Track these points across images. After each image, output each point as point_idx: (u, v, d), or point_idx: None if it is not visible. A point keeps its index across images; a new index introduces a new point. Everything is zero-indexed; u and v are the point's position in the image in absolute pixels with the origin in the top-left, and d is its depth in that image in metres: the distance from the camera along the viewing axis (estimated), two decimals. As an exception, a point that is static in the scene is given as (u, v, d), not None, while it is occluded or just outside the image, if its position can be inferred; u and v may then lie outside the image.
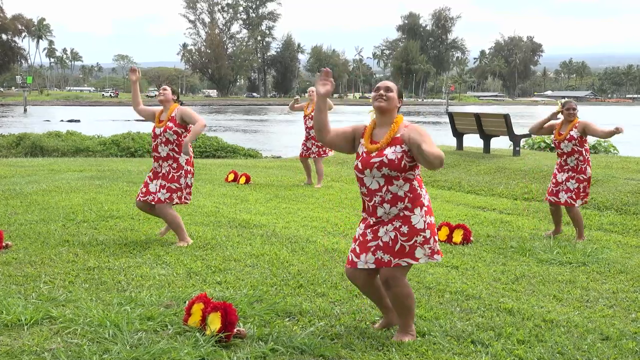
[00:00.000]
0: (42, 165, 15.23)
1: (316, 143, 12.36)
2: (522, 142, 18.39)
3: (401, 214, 4.21)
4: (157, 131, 7.02)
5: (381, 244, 4.23)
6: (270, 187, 12.02)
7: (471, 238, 7.67)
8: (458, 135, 17.65)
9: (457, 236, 7.61)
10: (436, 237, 4.29)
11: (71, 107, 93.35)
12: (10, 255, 6.25)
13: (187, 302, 4.57)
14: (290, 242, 7.26)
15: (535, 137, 19.72)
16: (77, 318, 4.44)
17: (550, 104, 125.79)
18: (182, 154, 6.96)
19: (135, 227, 7.82)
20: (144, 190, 7.05)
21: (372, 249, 4.25)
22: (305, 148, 12.57)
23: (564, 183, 8.09)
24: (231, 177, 12.80)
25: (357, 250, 4.32)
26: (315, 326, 4.50)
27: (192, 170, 7.13)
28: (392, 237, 4.20)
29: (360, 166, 4.29)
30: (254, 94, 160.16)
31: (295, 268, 6.11)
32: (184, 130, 6.99)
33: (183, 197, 7.04)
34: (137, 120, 53.92)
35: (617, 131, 7.95)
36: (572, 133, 7.96)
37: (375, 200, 4.26)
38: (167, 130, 6.95)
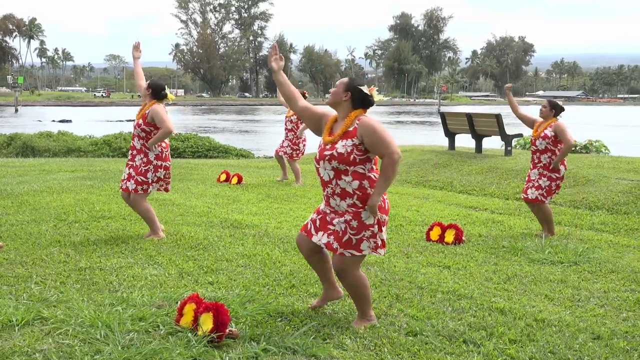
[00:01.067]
0: (33, 166, 15.19)
1: (291, 145, 12.53)
2: (514, 142, 18.42)
3: (351, 210, 4.36)
4: (134, 123, 7.22)
5: (332, 230, 4.45)
6: (262, 188, 12.01)
7: (463, 238, 7.68)
8: (450, 135, 17.67)
9: (449, 236, 7.61)
10: (383, 233, 4.42)
11: (62, 107, 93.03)
12: (1, 256, 6.23)
13: (179, 303, 4.56)
14: (282, 242, 7.26)
15: (526, 136, 19.77)
16: (69, 319, 4.42)
17: (541, 104, 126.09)
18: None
19: (127, 227, 7.80)
20: (123, 176, 7.31)
21: (329, 232, 4.46)
22: (280, 146, 12.82)
23: (535, 180, 8.22)
24: (223, 177, 12.79)
25: (318, 224, 4.56)
26: (308, 326, 4.50)
27: (163, 164, 7.21)
28: (342, 229, 4.39)
29: (317, 157, 4.48)
30: (246, 94, 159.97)
31: (287, 268, 6.11)
32: (152, 129, 7.09)
33: (151, 189, 7.19)
34: (129, 120, 53.83)
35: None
36: (546, 131, 8.07)
37: (327, 192, 4.47)
38: (137, 127, 7.12)
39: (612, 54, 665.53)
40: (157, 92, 7.19)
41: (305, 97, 12.24)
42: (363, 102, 4.45)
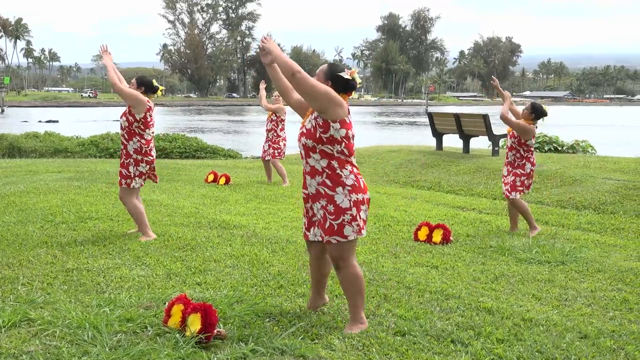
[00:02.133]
0: (19, 167, 15.11)
1: (272, 145, 12.56)
2: (501, 142, 18.48)
3: (323, 192, 4.35)
4: (120, 117, 7.31)
5: (316, 219, 4.49)
6: (250, 188, 12.00)
7: (451, 238, 7.70)
8: (438, 135, 17.72)
9: (437, 236, 7.63)
10: (361, 214, 4.38)
11: (49, 107, 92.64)
12: (-12, 257, 6.19)
13: (166, 304, 4.55)
14: (270, 242, 7.25)
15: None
16: (56, 320, 4.40)
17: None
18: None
19: (115, 228, 7.78)
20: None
21: (316, 224, 4.50)
22: (263, 150, 12.83)
23: (505, 177, 8.43)
24: (211, 177, 12.77)
25: (306, 224, 4.62)
26: (296, 326, 4.50)
27: (144, 159, 7.24)
28: (322, 215, 4.39)
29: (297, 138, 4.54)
30: (234, 95, 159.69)
31: (275, 269, 6.10)
32: (133, 120, 7.11)
33: (134, 184, 7.23)
34: (116, 120, 53.66)
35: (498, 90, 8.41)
36: (514, 131, 8.29)
37: (305, 171, 4.50)
38: (123, 116, 7.20)
39: (598, 54, 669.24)
40: (150, 87, 7.30)
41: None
42: (345, 87, 4.45)
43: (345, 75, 4.44)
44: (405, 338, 4.40)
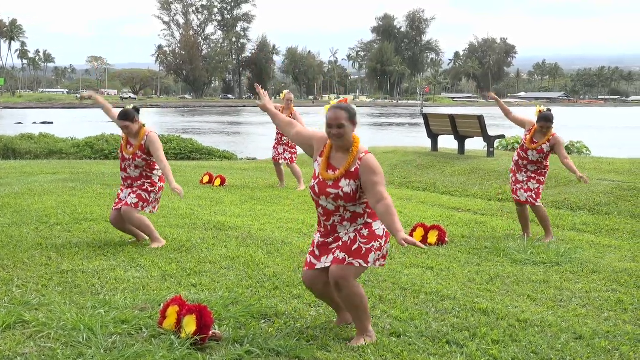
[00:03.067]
0: (14, 168, 15.08)
1: (288, 149, 12.33)
2: (496, 143, 18.51)
3: (362, 224, 4.33)
4: (127, 156, 7.01)
5: (341, 244, 4.31)
6: (245, 189, 11.99)
7: (446, 239, 7.71)
8: (433, 136, 17.72)
9: (432, 237, 7.64)
10: (386, 247, 4.38)
11: (44, 109, 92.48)
12: (-18, 259, 6.17)
13: (162, 305, 4.54)
14: (265, 244, 7.25)
15: (509, 137, 19.87)
16: (51, 322, 4.39)
17: (524, 105, 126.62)
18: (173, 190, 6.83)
19: (110, 229, 7.76)
20: (116, 200, 7.12)
21: (332, 250, 4.34)
22: (276, 152, 12.50)
23: (524, 182, 8.22)
24: (206, 179, 12.76)
25: (317, 252, 4.42)
26: (291, 328, 4.50)
27: (162, 185, 7.17)
28: (352, 238, 4.29)
29: (317, 190, 4.38)
30: (229, 96, 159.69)
31: (270, 270, 6.10)
32: (152, 157, 6.97)
33: (147, 209, 7.06)
34: (110, 122, 53.55)
35: (580, 180, 8.19)
36: (543, 147, 8.07)
37: (334, 220, 4.35)
38: (137, 158, 6.94)
39: (593, 55, 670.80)
40: (132, 115, 7.00)
41: (291, 101, 12.14)
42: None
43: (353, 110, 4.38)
44: (400, 339, 4.40)
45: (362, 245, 4.25)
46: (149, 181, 7.02)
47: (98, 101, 7.53)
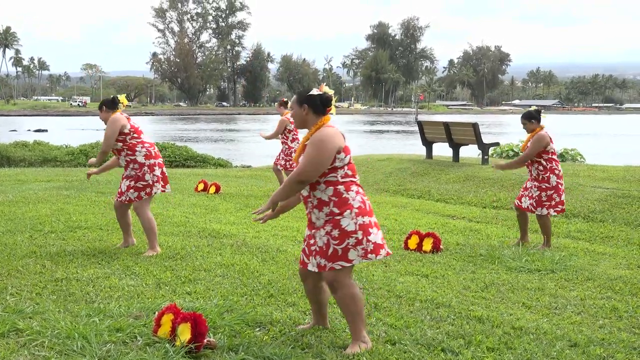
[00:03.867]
0: (8, 176, 15.05)
1: (284, 156, 12.34)
2: (491, 150, 18.54)
3: (330, 218, 4.27)
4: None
5: (317, 248, 4.31)
6: (240, 197, 11.98)
7: (441, 246, 7.71)
8: (427, 144, 17.75)
9: (427, 244, 7.64)
10: (370, 237, 4.27)
11: (39, 116, 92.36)
12: (-24, 267, 6.15)
13: (156, 313, 4.53)
14: (260, 251, 7.24)
15: (503, 145, 19.91)
16: (45, 330, 4.38)
17: (518, 113, 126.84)
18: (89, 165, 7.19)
19: (104, 237, 7.75)
20: (119, 190, 7.22)
21: (313, 253, 4.36)
22: (277, 158, 12.54)
23: (529, 190, 8.23)
24: (201, 186, 12.75)
25: (307, 251, 4.46)
26: (286, 336, 4.49)
27: (156, 162, 7.17)
28: (325, 242, 4.26)
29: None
30: (224, 103, 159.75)
31: (265, 278, 6.09)
32: (123, 136, 7.06)
33: (155, 190, 7.12)
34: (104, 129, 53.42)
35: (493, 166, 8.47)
36: (529, 144, 8.11)
37: (308, 207, 4.42)
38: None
39: (586, 63, 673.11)
40: (109, 104, 7.16)
41: (286, 105, 12.21)
42: (322, 103, 4.37)
43: (316, 91, 4.41)
44: (395, 347, 4.40)
45: (336, 247, 4.22)
46: (135, 164, 7.07)
47: (96, 166, 7.54)
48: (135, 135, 7.08)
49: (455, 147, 16.92)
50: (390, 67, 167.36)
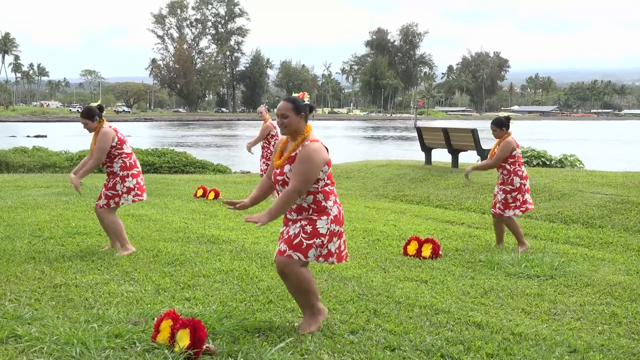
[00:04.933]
0: (7, 182, 15.04)
1: (266, 161, 12.50)
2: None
3: (307, 217, 4.53)
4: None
5: (286, 236, 4.56)
6: (239, 203, 11.96)
7: (440, 252, 7.70)
8: (426, 150, 17.76)
9: (426, 250, 7.63)
10: (329, 245, 4.55)
11: (38, 122, 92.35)
12: (-25, 273, 6.14)
13: (155, 319, 4.53)
14: (259, 257, 7.24)
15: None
16: (44, 336, 4.37)
17: (517, 119, 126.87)
18: (72, 184, 7.17)
19: (103, 243, 7.74)
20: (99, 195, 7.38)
21: (280, 242, 4.60)
22: (261, 168, 12.68)
23: (495, 194, 8.40)
24: (200, 192, 12.74)
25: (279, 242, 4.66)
26: (285, 342, 4.48)
27: (129, 173, 7.23)
28: (296, 232, 4.51)
29: (272, 179, 4.69)
30: (223, 109, 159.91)
31: (264, 284, 6.09)
32: (110, 148, 7.17)
33: (123, 201, 7.21)
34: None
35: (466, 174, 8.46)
36: (496, 150, 8.29)
37: (289, 209, 4.60)
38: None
39: (585, 69, 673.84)
40: (98, 113, 7.20)
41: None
42: (310, 111, 4.64)
43: (307, 101, 4.64)
44: (395, 353, 4.39)
45: (303, 239, 4.47)
46: (111, 172, 7.22)
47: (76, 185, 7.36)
48: (119, 146, 7.18)
49: (454, 153, 16.93)
50: (389, 73, 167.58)
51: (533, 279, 6.75)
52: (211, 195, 12.47)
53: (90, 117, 7.18)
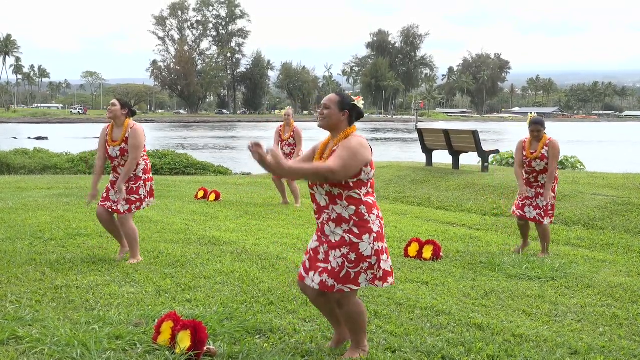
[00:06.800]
0: (8, 183, 15.04)
1: None
2: (491, 158, 18.54)
3: (348, 239, 4.10)
4: (113, 153, 6.94)
5: (330, 268, 4.14)
6: (240, 204, 11.98)
7: (441, 254, 7.70)
8: (427, 151, 17.75)
9: (427, 252, 7.63)
10: (381, 264, 4.16)
11: (39, 124, 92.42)
12: (-24, 275, 6.15)
13: (156, 321, 4.53)
14: (260, 259, 7.24)
15: (503, 153, 19.93)
16: (45, 338, 4.37)
17: (518, 120, 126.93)
18: (116, 193, 6.88)
19: (104, 245, 7.74)
20: (104, 195, 7.07)
21: (320, 270, 4.18)
22: None
23: (533, 199, 8.06)
24: (201, 194, 12.74)
25: (307, 265, 4.30)
26: (286, 343, 4.48)
27: (149, 176, 7.07)
28: (340, 264, 4.10)
29: (309, 182, 4.24)
30: (224, 111, 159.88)
31: (265, 285, 6.09)
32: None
33: (144, 205, 7.04)
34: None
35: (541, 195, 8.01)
36: (542, 152, 7.88)
37: (323, 218, 4.21)
38: (124, 153, 6.90)
39: (586, 71, 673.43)
40: (131, 111, 7.06)
41: (289, 116, 12.13)
42: (358, 116, 4.30)
43: (361, 105, 4.31)
44: (395, 354, 4.39)
45: (350, 270, 4.09)
46: (132, 179, 6.94)
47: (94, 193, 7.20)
48: (144, 147, 7.03)
49: (455, 154, 16.92)
50: (390, 75, 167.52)
51: (534, 280, 6.74)
52: (212, 197, 12.47)
53: (126, 106, 7.00)
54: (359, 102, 4.31)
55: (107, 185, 7.10)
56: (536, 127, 7.93)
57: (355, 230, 4.10)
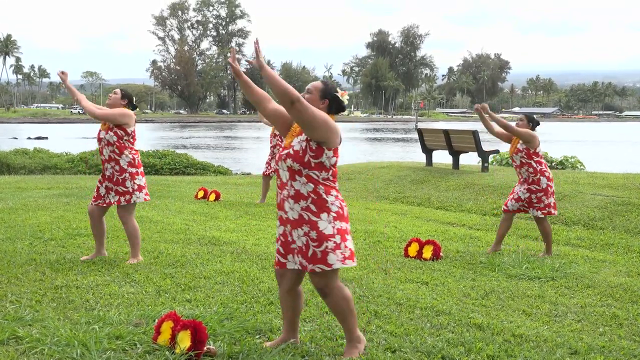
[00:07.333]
0: (8, 183, 15.05)
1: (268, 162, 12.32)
2: (491, 158, 18.55)
3: (306, 217, 4.14)
4: (102, 134, 6.96)
5: (297, 248, 4.20)
6: (240, 204, 11.98)
7: (441, 254, 7.70)
8: (427, 151, 17.75)
9: (427, 252, 7.63)
10: (347, 243, 4.17)
11: (39, 124, 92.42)
12: (-24, 275, 6.15)
13: (156, 321, 4.53)
14: (260, 259, 7.24)
15: (503, 153, 19.93)
16: (44, 338, 4.37)
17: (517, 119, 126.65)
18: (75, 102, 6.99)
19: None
20: (95, 195, 7.04)
21: (295, 251, 4.23)
22: (269, 167, 12.43)
23: (516, 192, 8.13)
24: (201, 194, 12.75)
25: (282, 250, 4.32)
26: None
27: (138, 171, 6.99)
28: (304, 243, 4.14)
29: (277, 157, 4.30)
30: (224, 111, 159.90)
31: (265, 285, 6.09)
32: (124, 133, 6.90)
33: (136, 198, 6.96)
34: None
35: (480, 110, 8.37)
36: (518, 146, 8.04)
37: (283, 194, 4.24)
38: (108, 131, 6.88)
39: (585, 71, 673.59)
40: (132, 103, 7.08)
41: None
42: (338, 108, 4.32)
43: (345, 100, 4.34)
44: (395, 354, 4.39)
45: (315, 249, 4.11)
46: (117, 166, 6.89)
47: (65, 82, 7.27)
48: (131, 140, 7.00)
49: (455, 154, 16.92)
50: (390, 75, 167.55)
51: (534, 280, 6.74)
52: (212, 197, 12.47)
53: (127, 96, 7.02)
54: (344, 97, 4.34)
55: (97, 183, 7.08)
56: (520, 116, 8.28)
57: (313, 207, 4.14)
